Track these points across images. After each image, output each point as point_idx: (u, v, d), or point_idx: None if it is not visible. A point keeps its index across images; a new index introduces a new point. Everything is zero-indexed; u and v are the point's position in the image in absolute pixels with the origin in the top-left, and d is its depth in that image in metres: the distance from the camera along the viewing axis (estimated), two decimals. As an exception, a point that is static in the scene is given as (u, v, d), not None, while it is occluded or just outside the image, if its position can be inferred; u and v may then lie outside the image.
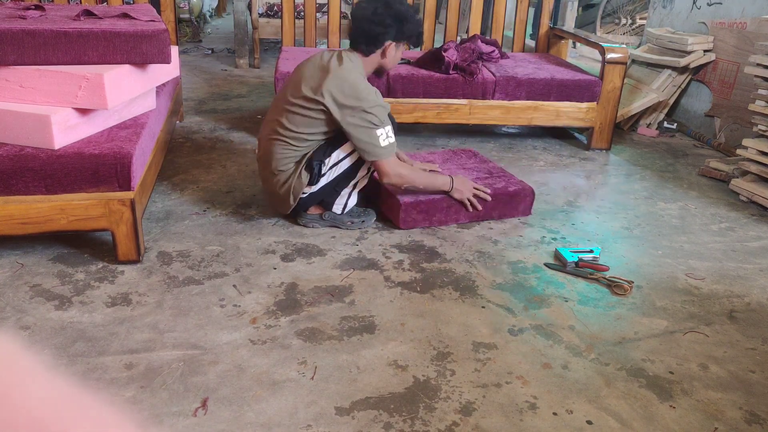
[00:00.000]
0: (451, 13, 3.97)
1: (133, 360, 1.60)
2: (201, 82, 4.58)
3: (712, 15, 3.80)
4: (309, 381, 1.55)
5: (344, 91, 2.14)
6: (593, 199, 2.83)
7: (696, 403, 1.56)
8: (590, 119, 3.42)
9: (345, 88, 2.15)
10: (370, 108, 2.15)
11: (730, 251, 2.38)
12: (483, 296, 1.98)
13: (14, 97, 1.98)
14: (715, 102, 3.73)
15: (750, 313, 1.98)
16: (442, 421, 1.45)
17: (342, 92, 2.14)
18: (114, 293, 1.89)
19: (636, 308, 1.96)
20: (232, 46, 5.75)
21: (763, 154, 2.79)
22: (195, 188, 2.67)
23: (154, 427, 1.37)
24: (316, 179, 2.25)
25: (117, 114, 2.17)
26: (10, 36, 1.96)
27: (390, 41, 2.25)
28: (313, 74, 2.20)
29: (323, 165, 2.24)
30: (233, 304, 1.87)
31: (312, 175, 2.23)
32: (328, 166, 2.25)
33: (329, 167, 2.26)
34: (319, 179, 2.26)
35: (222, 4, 8.18)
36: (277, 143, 2.23)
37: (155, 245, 2.18)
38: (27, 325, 1.72)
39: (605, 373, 1.65)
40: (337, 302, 1.90)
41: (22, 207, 1.91)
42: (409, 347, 1.71)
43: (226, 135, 3.39)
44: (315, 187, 2.27)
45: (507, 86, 3.30)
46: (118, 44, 2.09)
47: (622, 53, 3.34)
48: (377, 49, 2.26)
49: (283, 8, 3.92)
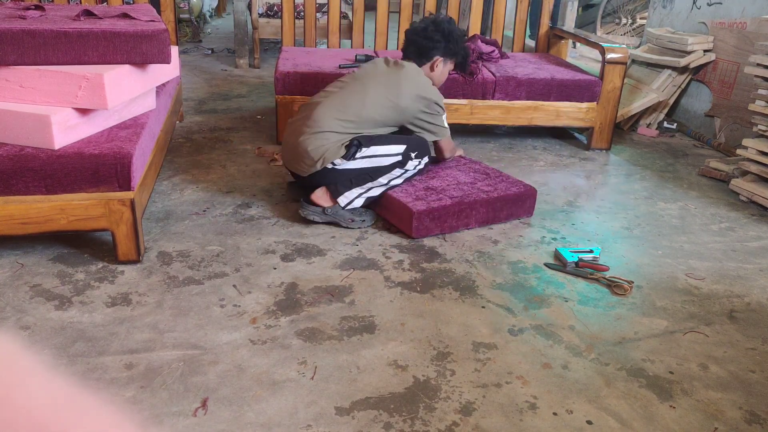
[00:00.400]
0: (451, 13, 3.97)
1: (133, 360, 1.60)
2: (201, 82, 4.58)
3: (712, 15, 3.80)
4: (309, 381, 1.55)
5: (420, 86, 2.46)
6: (593, 199, 2.83)
7: (696, 403, 1.56)
8: (590, 119, 3.42)
9: (420, 83, 2.47)
10: (438, 99, 2.51)
11: (730, 251, 2.38)
12: (483, 296, 1.98)
13: (14, 97, 1.98)
14: (715, 102, 3.73)
15: (750, 313, 1.98)
16: (442, 421, 1.45)
17: (419, 87, 2.46)
18: (114, 293, 1.89)
19: (636, 308, 1.96)
20: (232, 46, 5.75)
21: (763, 154, 2.79)
22: (195, 188, 2.67)
23: (154, 427, 1.37)
24: (351, 156, 2.34)
25: (117, 114, 2.17)
26: (10, 36, 1.96)
27: (438, 56, 2.57)
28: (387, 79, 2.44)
29: (360, 150, 2.34)
30: (233, 304, 1.87)
31: (348, 152, 2.34)
32: (363, 153, 2.34)
33: (363, 156, 2.35)
34: (351, 159, 2.35)
35: (222, 4, 8.17)
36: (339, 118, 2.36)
37: (155, 245, 2.18)
38: (27, 325, 1.72)
39: (605, 373, 1.65)
40: (337, 302, 1.90)
41: (22, 207, 1.91)
42: (409, 347, 1.71)
43: (226, 135, 3.39)
44: (345, 164, 2.35)
45: (507, 86, 3.30)
46: (118, 44, 2.09)
47: (622, 53, 3.34)
48: (427, 61, 2.57)
49: (283, 8, 3.92)
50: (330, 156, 2.33)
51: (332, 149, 2.34)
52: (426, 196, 2.40)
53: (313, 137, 2.34)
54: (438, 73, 2.60)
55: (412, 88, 2.43)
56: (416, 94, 2.44)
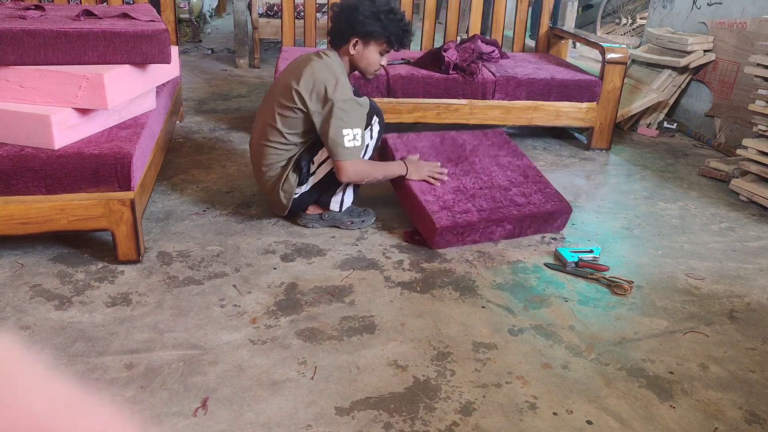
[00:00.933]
0: (451, 13, 3.97)
1: (133, 360, 1.60)
2: (201, 82, 4.58)
3: (712, 15, 3.80)
4: (309, 381, 1.55)
5: (317, 81, 2.13)
6: (593, 199, 2.83)
7: (696, 403, 1.56)
8: (590, 119, 3.42)
9: (319, 78, 2.13)
10: (342, 102, 2.11)
11: (730, 251, 2.38)
12: (483, 296, 1.98)
13: (14, 97, 1.98)
14: (715, 102, 3.73)
15: (750, 313, 1.98)
16: (442, 421, 1.45)
17: (315, 82, 2.13)
18: (114, 293, 1.89)
19: (636, 308, 1.96)
20: (232, 46, 5.75)
21: (763, 154, 2.79)
22: (195, 188, 2.67)
23: (154, 427, 1.37)
24: (305, 179, 2.26)
25: (117, 114, 2.17)
26: (10, 36, 1.96)
27: (354, 37, 2.19)
28: (293, 71, 2.21)
29: (311, 164, 2.25)
30: (233, 304, 1.87)
31: (301, 175, 2.24)
32: (316, 164, 2.26)
33: (318, 165, 2.27)
34: (308, 178, 2.27)
35: (222, 4, 8.17)
36: (264, 146, 2.25)
37: (155, 245, 2.18)
38: (27, 325, 1.72)
39: (605, 373, 1.65)
40: (337, 302, 1.90)
41: (22, 207, 1.91)
42: (409, 347, 1.71)
43: (226, 135, 3.39)
44: (305, 187, 2.28)
45: (507, 86, 3.30)
46: (118, 44, 2.09)
47: (622, 53, 3.34)
48: (342, 44, 2.22)
49: (283, 8, 3.92)
50: (289, 191, 2.25)
51: (285, 186, 2.24)
52: (453, 203, 2.25)
53: (266, 182, 2.27)
54: (360, 57, 2.23)
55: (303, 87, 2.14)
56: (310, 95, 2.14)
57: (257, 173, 2.33)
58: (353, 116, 2.14)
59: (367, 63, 2.25)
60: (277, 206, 2.34)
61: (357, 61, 2.25)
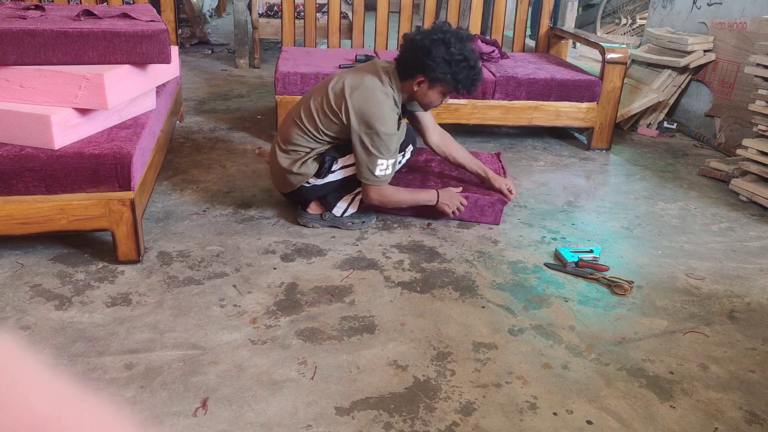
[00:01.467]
0: (451, 13, 3.97)
1: (133, 360, 1.60)
2: (201, 82, 4.58)
3: (712, 15, 3.80)
4: (309, 381, 1.55)
5: (369, 105, 2.11)
6: (593, 199, 2.83)
7: (696, 403, 1.56)
8: (590, 119, 3.42)
9: (372, 102, 2.12)
10: (385, 135, 2.12)
11: (730, 251, 2.38)
12: (483, 296, 1.98)
13: (14, 97, 1.98)
14: (715, 102, 3.73)
15: (750, 313, 1.98)
16: (442, 421, 1.45)
17: (367, 104, 2.11)
18: (114, 293, 1.89)
19: (636, 308, 1.96)
20: (232, 46, 5.75)
21: (763, 154, 2.79)
22: (195, 188, 2.67)
23: (154, 427, 1.37)
24: (324, 173, 2.26)
25: (117, 114, 2.17)
26: (10, 36, 1.96)
27: (421, 77, 2.14)
28: (355, 78, 2.18)
29: (335, 162, 2.26)
30: (233, 304, 1.87)
31: (321, 167, 2.25)
32: (340, 165, 2.27)
33: (341, 167, 2.27)
34: (328, 175, 2.27)
35: (222, 4, 8.17)
36: (298, 125, 2.23)
37: (155, 245, 2.18)
38: (27, 325, 1.72)
39: (605, 373, 1.65)
40: (337, 302, 1.90)
41: (22, 207, 1.91)
42: (409, 347, 1.71)
43: (226, 135, 3.39)
44: (320, 181, 2.28)
45: (507, 86, 3.30)
46: (118, 44, 2.09)
47: (622, 53, 3.34)
48: (408, 78, 2.18)
49: (283, 8, 3.92)
50: (302, 176, 2.26)
51: (302, 168, 2.25)
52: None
53: (284, 155, 2.27)
54: (422, 95, 2.20)
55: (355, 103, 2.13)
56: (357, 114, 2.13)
57: (278, 144, 2.30)
58: (391, 149, 2.16)
59: (428, 101, 2.23)
60: (282, 183, 2.34)
61: (418, 97, 2.22)
